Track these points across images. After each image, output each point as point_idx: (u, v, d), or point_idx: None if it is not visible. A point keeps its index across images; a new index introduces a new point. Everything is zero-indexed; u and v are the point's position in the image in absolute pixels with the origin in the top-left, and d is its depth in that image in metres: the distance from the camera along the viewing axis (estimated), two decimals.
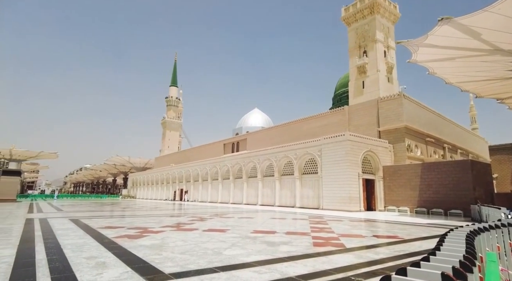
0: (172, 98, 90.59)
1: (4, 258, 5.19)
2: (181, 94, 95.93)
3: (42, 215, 14.97)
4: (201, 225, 11.08)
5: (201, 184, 42.31)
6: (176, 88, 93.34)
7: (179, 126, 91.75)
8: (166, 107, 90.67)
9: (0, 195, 32.29)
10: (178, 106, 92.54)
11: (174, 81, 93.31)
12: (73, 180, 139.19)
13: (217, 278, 4.08)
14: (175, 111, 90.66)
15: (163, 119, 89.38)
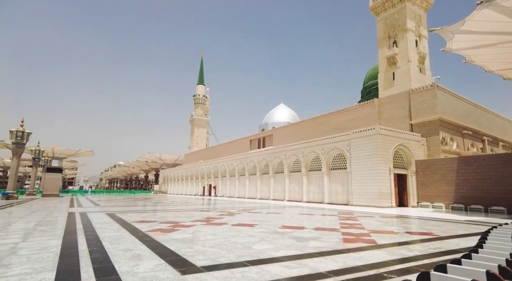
0: (200, 96, 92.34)
1: (52, 248, 5.60)
2: (208, 91, 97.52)
3: (82, 209, 15.91)
4: (229, 220, 11.26)
5: (228, 180, 42.93)
6: (203, 86, 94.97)
7: (206, 123, 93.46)
8: (193, 105, 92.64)
9: (46, 190, 34.79)
10: (205, 104, 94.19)
11: (201, 79, 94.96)
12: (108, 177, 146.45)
13: (247, 272, 4.14)
14: (202, 108, 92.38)
15: (191, 116, 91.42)
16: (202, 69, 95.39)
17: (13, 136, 27.05)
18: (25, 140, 27.66)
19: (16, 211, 14.69)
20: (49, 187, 35.09)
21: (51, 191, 34.81)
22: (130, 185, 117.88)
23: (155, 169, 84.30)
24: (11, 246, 5.83)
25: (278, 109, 64.58)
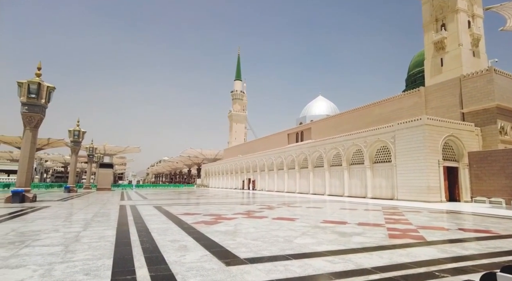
0: (237, 91, 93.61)
1: (108, 238, 6.10)
2: (245, 87, 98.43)
3: (131, 202, 17.04)
4: (270, 213, 11.35)
5: (267, 174, 43.19)
6: (240, 82, 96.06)
7: (244, 118, 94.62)
8: (231, 101, 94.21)
9: (99, 184, 37.82)
10: (243, 99, 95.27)
11: (238, 75, 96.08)
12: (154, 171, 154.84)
13: (290, 265, 4.16)
14: (240, 104, 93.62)
15: (229, 112, 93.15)
16: (239, 65, 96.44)
17: (71, 135, 29.68)
18: (81, 138, 30.20)
19: (76, 203, 16.17)
20: (102, 182, 38.07)
21: (104, 185, 37.74)
22: (174, 179, 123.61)
23: (197, 163, 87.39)
24: (74, 234, 6.44)
25: (316, 102, 63.28)
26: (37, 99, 15.16)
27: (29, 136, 15.26)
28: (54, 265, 4.06)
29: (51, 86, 15.73)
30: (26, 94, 14.86)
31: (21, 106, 15.05)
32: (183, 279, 3.53)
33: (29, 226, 7.58)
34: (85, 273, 3.71)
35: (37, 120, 15.41)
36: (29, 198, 15.08)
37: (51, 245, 5.30)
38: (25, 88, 14.85)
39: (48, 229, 7.10)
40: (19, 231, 6.71)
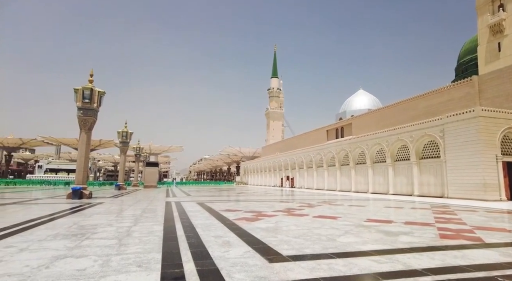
0: (274, 89, 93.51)
1: (157, 232, 6.46)
2: (281, 84, 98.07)
3: (176, 199, 17.83)
4: (311, 211, 11.22)
5: (306, 171, 42.66)
6: (277, 79, 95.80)
7: (281, 115, 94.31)
8: (268, 99, 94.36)
9: (146, 182, 40.12)
10: (279, 97, 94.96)
11: (275, 72, 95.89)
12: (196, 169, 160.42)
13: (334, 264, 4.08)
14: (277, 101, 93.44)
15: (266, 110, 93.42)
16: (275, 62, 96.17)
17: (119, 136, 31.83)
18: (129, 139, 32.26)
19: (126, 199, 17.31)
20: (149, 179, 40.33)
21: (151, 183, 39.95)
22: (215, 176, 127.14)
23: (236, 161, 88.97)
24: (126, 229, 6.92)
25: (357, 96, 61.05)
26: (90, 103, 16.50)
27: (84, 138, 16.62)
28: (110, 256, 4.40)
29: (101, 91, 17.00)
30: (81, 99, 16.22)
31: (77, 111, 16.48)
32: (228, 274, 3.63)
33: (87, 220, 8.27)
34: (137, 265, 3.97)
35: (91, 123, 16.75)
36: (86, 195, 16.45)
37: (107, 238, 5.74)
38: (80, 93, 16.20)
39: (103, 223, 7.69)
40: (80, 225, 7.36)
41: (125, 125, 32.04)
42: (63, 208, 11.64)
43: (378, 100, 59.38)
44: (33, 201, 15.23)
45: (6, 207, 11.96)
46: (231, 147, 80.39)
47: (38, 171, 62.13)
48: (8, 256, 4.36)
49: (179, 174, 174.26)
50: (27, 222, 7.68)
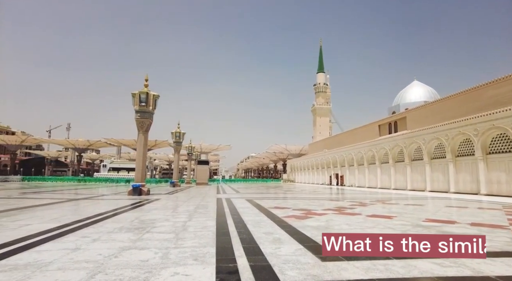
0: (320, 84, 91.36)
1: (210, 228, 6.74)
2: (328, 79, 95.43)
3: (226, 196, 18.39)
4: (363, 210, 10.79)
5: (356, 169, 41.08)
6: (323, 74, 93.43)
7: (328, 111, 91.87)
8: (314, 95, 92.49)
9: (198, 179, 42.05)
10: (326, 92, 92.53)
11: (321, 67, 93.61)
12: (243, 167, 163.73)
13: (391, 265, 3.89)
14: (323, 97, 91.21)
15: (312, 106, 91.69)
16: (321, 57, 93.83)
17: (173, 136, 33.74)
18: (181, 139, 34.05)
19: (180, 196, 18.31)
20: (201, 177, 42.18)
21: (202, 180, 41.75)
22: (262, 174, 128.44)
23: (282, 159, 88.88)
24: (182, 223, 7.32)
25: (412, 88, 57.01)
26: (146, 106, 17.74)
27: (142, 139, 17.93)
28: (169, 249, 4.70)
29: (156, 95, 18.18)
30: (138, 103, 17.53)
31: (135, 113, 17.84)
32: (281, 271, 3.65)
33: (147, 215, 8.92)
34: (194, 258, 4.19)
35: (147, 124, 18.02)
36: (145, 192, 17.74)
37: (165, 232, 6.13)
38: (137, 97, 17.52)
39: (161, 218, 8.23)
40: (140, 219, 7.98)
41: (178, 126, 33.86)
42: (125, 203, 12.69)
43: (435, 91, 54.80)
44: (100, 197, 16.86)
45: (79, 202, 13.43)
46: (277, 145, 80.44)
47: (103, 169, 68.45)
48: (84, 245, 4.90)
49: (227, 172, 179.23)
50: (96, 215, 8.54)
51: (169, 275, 3.46)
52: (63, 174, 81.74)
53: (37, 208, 10.31)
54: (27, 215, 8.52)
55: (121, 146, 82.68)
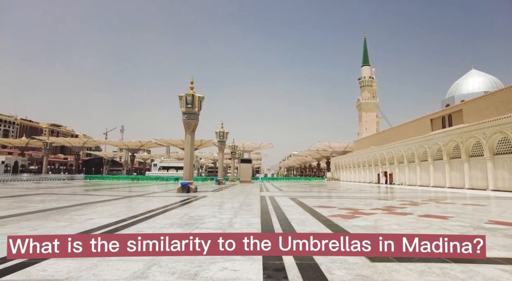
0: (365, 78, 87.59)
1: (255, 225, 6.86)
2: (373, 72, 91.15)
3: (269, 194, 18.50)
4: (414, 210, 10.17)
5: (407, 166, 38.75)
6: (368, 67, 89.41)
7: (375, 106, 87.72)
8: (359, 89, 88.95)
9: (242, 177, 42.85)
10: (372, 86, 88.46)
11: (366, 60, 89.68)
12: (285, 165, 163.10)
13: (448, 269, 3.63)
14: (369, 91, 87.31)
15: (357, 101, 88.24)
16: (366, 49, 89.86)
17: (217, 136, 34.77)
18: (225, 138, 34.96)
19: (225, 193, 18.82)
20: (244, 175, 42.94)
21: (245, 178, 42.46)
22: (304, 172, 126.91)
23: (325, 157, 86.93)
24: (228, 220, 7.54)
25: (469, 77, 52.17)
26: (192, 108, 18.49)
27: (189, 139, 18.74)
28: None
29: (201, 96, 18.90)
30: (184, 105, 18.35)
31: (182, 115, 18.70)
32: (328, 270, 3.60)
33: (195, 211, 9.32)
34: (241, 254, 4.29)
35: (194, 125, 18.81)
36: (192, 189, 18.54)
37: (212, 228, 6.37)
38: (184, 100, 18.36)
39: (208, 215, 8.54)
40: (189, 215, 8.36)
41: (221, 125, 34.81)
42: (175, 200, 13.39)
43: (497, 79, 49.50)
44: (151, 194, 17.97)
45: (133, 199, 14.46)
46: (320, 142, 78.79)
47: (154, 168, 72.84)
48: None
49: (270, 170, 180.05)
50: (149, 211, 9.13)
51: (218, 269, 3.60)
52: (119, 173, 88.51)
53: (97, 204, 11.33)
54: (89, 210, 9.39)
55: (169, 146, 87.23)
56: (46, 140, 51.24)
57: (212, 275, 3.40)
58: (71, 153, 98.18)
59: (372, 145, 55.55)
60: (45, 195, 15.28)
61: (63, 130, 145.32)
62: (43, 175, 46.14)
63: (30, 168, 76.29)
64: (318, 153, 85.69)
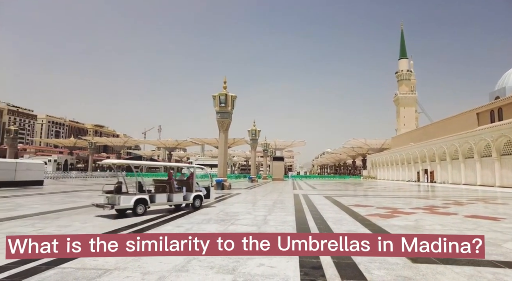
0: (403, 71, 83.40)
1: (290, 222, 6.85)
2: (412, 65, 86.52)
3: (303, 192, 18.33)
4: (459, 210, 9.56)
5: (450, 164, 36.45)
6: (406, 60, 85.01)
7: (413, 100, 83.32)
8: (397, 83, 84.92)
9: (274, 175, 42.90)
10: (410, 79, 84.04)
11: (403, 52, 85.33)
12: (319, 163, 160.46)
13: (502, 274, 3.38)
14: (407, 85, 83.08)
15: (395, 96, 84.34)
16: (403, 41, 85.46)
17: (249, 134, 35.05)
18: (257, 136, 35.16)
19: (258, 191, 18.96)
20: (276, 173, 42.92)
21: (278, 176, 42.42)
22: (339, 170, 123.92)
23: (361, 154, 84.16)
24: (262, 217, 7.61)
25: None
26: (225, 107, 18.84)
27: (223, 138, 19.12)
28: None
29: (233, 96, 19.20)
30: (218, 104, 18.73)
31: (215, 114, 19.11)
32: (367, 269, 3.52)
33: (230, 208, 9.51)
34: None
35: (227, 124, 19.17)
36: (226, 186, 18.90)
37: (247, 225, 6.46)
38: (217, 99, 18.78)
39: (243, 211, 8.67)
40: (225, 212, 8.55)
41: (254, 124, 35.05)
42: None
43: None
44: None
45: None
46: (355, 139, 76.35)
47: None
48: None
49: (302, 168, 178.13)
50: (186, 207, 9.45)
51: (255, 265, 3.65)
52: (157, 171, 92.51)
53: None
54: None
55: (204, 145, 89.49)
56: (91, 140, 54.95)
57: (250, 270, 3.46)
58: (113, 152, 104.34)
59: (411, 141, 52.86)
60: (91, 191, 16.39)
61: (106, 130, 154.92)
62: (89, 173, 49.53)
63: (77, 166, 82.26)
64: (353, 150, 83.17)
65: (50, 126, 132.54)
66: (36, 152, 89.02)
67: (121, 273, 3.31)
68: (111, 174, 51.97)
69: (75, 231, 5.56)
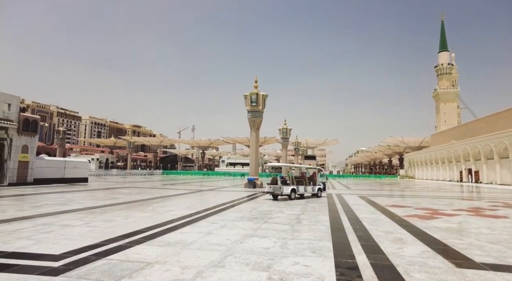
0: (443, 65, 78.57)
1: (323, 222, 6.77)
2: (453, 58, 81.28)
3: (336, 191, 17.96)
4: (510, 213, 8.86)
5: (497, 163, 33.80)
6: (447, 53, 79.94)
7: (455, 96, 78.23)
8: (436, 78, 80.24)
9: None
10: (452, 73, 78.98)
11: (444, 45, 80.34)
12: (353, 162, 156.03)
13: None
14: (448, 79, 78.17)
15: (434, 91, 79.77)
16: (443, 33, 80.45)
17: (280, 133, 34.96)
18: (288, 135, 34.96)
19: None
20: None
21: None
22: (374, 169, 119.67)
23: (398, 153, 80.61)
24: (295, 216, 7.59)
25: None
26: (257, 106, 18.95)
27: (254, 136, 19.27)
28: (286, 240, 4.96)
29: (264, 95, 19.27)
30: (249, 103, 18.91)
31: (247, 113, 19.31)
32: (406, 272, 3.40)
33: (262, 206, 9.59)
34: (311, 250, 4.30)
35: (258, 123, 19.30)
36: (258, 184, 19.04)
37: (280, 224, 6.48)
38: (249, 99, 18.94)
39: (275, 210, 8.70)
40: (257, 210, 8.64)
41: (285, 122, 34.90)
42: (243, 195, 13.92)
43: None
44: (221, 188, 18.96)
45: (205, 193, 15.47)
46: (392, 137, 73.22)
47: (222, 164, 76.70)
48: (215, 230, 5.67)
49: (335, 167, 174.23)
50: (220, 205, 9.69)
51: (290, 264, 3.67)
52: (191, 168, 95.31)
53: (175, 197, 12.43)
54: (169, 202, 10.35)
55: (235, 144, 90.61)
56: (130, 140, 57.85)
57: (285, 268, 3.48)
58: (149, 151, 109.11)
59: (453, 139, 49.67)
60: (131, 189, 17.29)
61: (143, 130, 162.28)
62: (128, 171, 52.24)
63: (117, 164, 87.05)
64: (389, 148, 79.87)
65: (93, 126, 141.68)
66: (80, 151, 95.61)
67: (162, 267, 3.48)
68: (149, 172, 54.45)
69: (117, 226, 5.92)
